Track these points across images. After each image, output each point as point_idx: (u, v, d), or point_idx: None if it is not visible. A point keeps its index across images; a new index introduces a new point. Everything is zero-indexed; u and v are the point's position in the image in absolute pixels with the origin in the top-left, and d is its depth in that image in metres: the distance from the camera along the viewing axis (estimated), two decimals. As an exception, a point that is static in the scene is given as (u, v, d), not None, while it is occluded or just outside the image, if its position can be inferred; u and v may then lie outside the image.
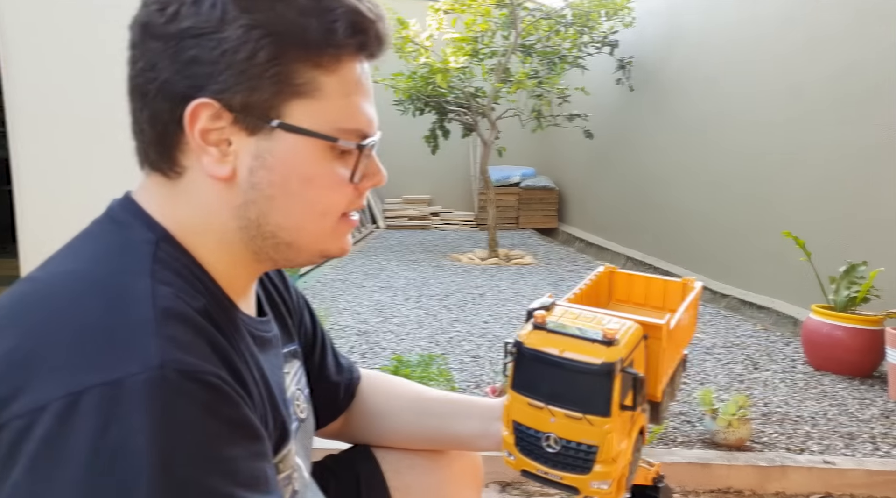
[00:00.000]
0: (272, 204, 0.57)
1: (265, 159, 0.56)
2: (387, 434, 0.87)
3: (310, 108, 0.56)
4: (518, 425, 0.66)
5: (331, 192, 0.59)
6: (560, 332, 0.65)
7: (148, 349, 0.45)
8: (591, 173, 5.94)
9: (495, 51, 5.08)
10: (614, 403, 0.61)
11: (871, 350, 2.56)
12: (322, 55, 0.55)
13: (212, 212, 0.58)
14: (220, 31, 0.52)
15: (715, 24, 4.01)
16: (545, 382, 0.64)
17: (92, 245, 0.56)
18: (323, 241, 0.61)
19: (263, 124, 0.55)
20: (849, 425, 2.15)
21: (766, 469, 1.84)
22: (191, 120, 0.54)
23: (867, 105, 2.88)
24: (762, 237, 3.53)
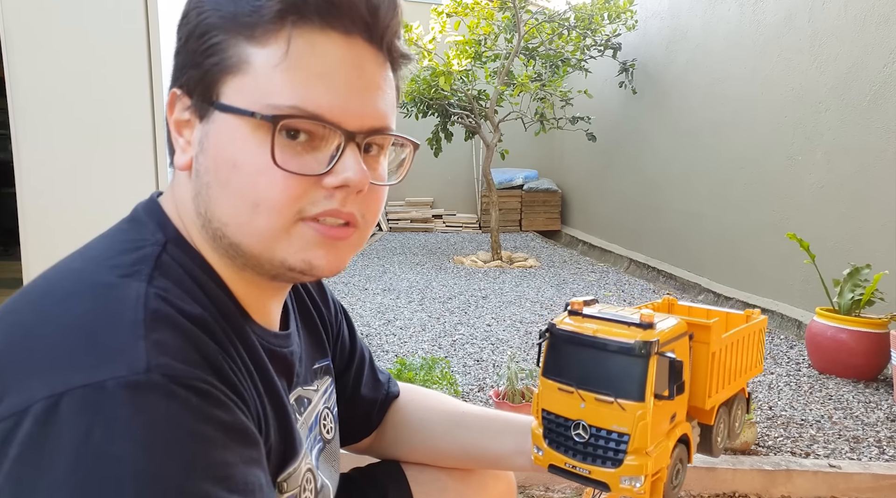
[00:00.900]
0: (210, 193, 0.53)
1: (204, 144, 0.53)
2: (419, 449, 0.83)
3: (240, 85, 0.51)
4: (547, 414, 0.63)
5: (257, 178, 0.51)
6: (596, 316, 0.63)
7: (135, 352, 0.44)
8: (594, 176, 5.93)
9: (498, 54, 5.09)
10: (648, 387, 0.57)
11: (875, 353, 2.55)
12: (253, 26, 0.51)
13: (189, 208, 0.57)
14: (184, 23, 0.54)
15: (718, 27, 4.00)
16: (576, 364, 0.61)
17: (103, 244, 0.55)
18: (274, 246, 0.53)
19: (208, 107, 0.53)
20: (854, 429, 2.14)
21: (771, 473, 1.82)
22: (169, 110, 0.56)
23: (871, 108, 2.88)
24: (766, 240, 3.52)
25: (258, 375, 0.56)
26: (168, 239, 0.55)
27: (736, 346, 0.72)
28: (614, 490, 0.60)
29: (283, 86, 0.50)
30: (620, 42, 5.09)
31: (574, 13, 5.01)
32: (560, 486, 1.79)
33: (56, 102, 2.04)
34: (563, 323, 0.63)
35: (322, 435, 0.69)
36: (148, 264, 0.51)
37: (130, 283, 0.49)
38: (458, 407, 0.85)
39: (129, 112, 2.06)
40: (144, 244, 0.54)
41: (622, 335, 0.59)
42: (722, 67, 3.94)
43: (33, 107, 2.04)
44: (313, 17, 0.51)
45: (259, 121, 0.50)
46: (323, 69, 0.51)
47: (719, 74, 3.96)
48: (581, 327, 0.61)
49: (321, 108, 0.51)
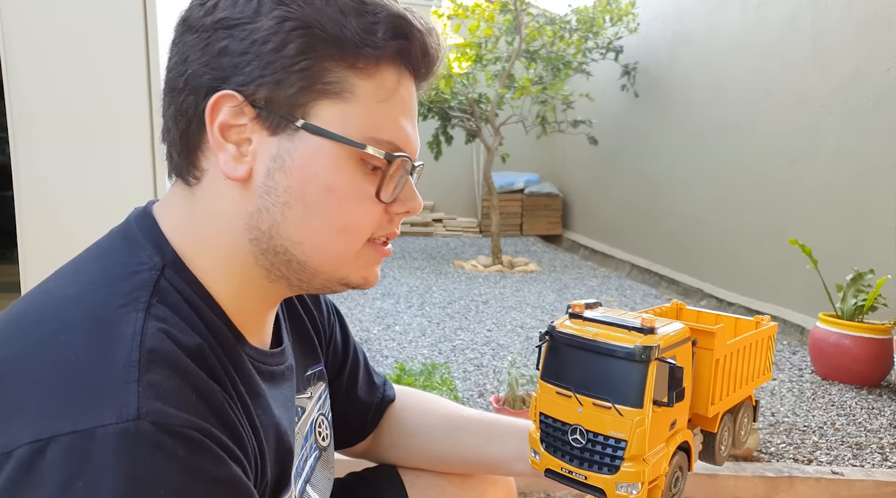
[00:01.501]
0: (286, 213, 0.52)
1: (284, 162, 0.52)
2: (416, 454, 0.82)
3: (339, 111, 0.51)
4: (545, 418, 0.63)
5: (353, 206, 0.53)
6: (597, 320, 0.62)
7: (126, 397, 0.42)
8: (596, 180, 5.92)
9: (499, 56, 5.08)
10: (647, 393, 0.56)
11: (879, 359, 2.53)
12: (358, 56, 0.51)
13: (224, 220, 0.54)
14: (253, 21, 0.50)
15: (720, 30, 3.99)
16: (575, 368, 0.60)
17: (96, 266, 0.53)
18: (343, 265, 0.56)
19: (287, 123, 0.51)
20: (857, 436, 2.12)
21: (773, 480, 1.81)
22: (211, 112, 0.51)
23: (873, 112, 2.86)
24: (768, 245, 3.51)
25: (254, 406, 0.55)
26: (165, 263, 0.53)
27: (742, 352, 0.71)
28: (610, 496, 0.59)
29: (384, 121, 0.53)
30: (622, 45, 5.08)
31: (576, 16, 5.00)
32: (561, 492, 1.77)
33: (54, 106, 2.03)
34: (563, 326, 0.62)
35: (318, 442, 0.69)
36: (146, 291, 0.49)
37: (128, 315, 0.47)
38: (457, 411, 0.84)
39: (127, 116, 2.06)
40: (141, 269, 0.52)
41: (622, 340, 0.58)
42: (724, 71, 3.93)
43: (31, 110, 2.03)
44: (411, 65, 0.55)
45: (362, 152, 0.52)
46: (408, 109, 0.55)
47: (722, 78, 3.95)
48: (581, 331, 0.61)
49: (408, 145, 0.55)
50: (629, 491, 0.58)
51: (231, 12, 0.51)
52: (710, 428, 0.69)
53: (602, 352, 0.58)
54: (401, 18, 0.52)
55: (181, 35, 0.53)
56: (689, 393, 0.64)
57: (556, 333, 0.62)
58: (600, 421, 0.58)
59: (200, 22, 0.51)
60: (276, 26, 0.50)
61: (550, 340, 0.62)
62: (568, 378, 0.60)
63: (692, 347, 0.64)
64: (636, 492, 0.57)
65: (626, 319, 0.61)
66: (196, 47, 0.51)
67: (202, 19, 0.51)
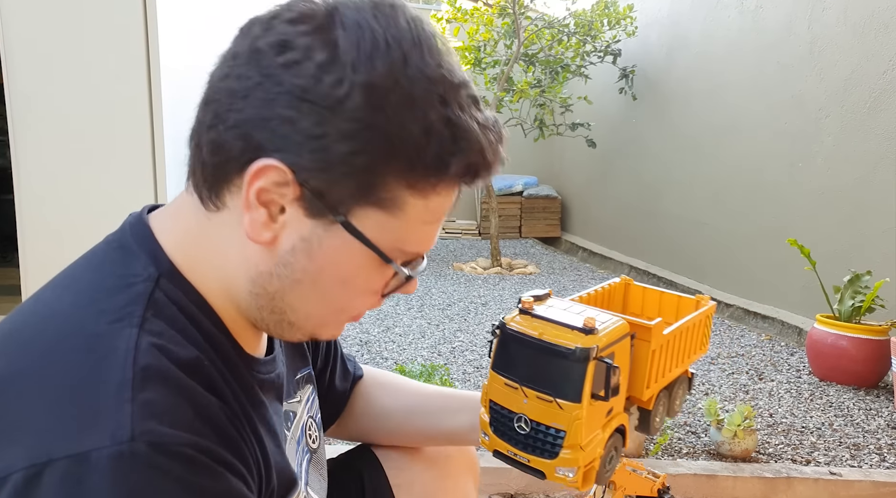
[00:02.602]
0: (295, 288, 0.53)
1: (311, 246, 0.51)
2: (382, 435, 0.87)
3: (382, 221, 0.50)
4: (494, 405, 0.67)
5: (358, 297, 0.55)
6: (543, 317, 0.66)
7: (120, 418, 0.41)
8: (594, 182, 5.93)
9: (498, 60, 5.10)
10: (586, 390, 0.61)
11: (876, 360, 2.54)
12: (422, 180, 0.49)
13: (232, 263, 0.53)
14: (335, 111, 0.46)
15: (717, 33, 4.01)
16: (522, 363, 0.64)
17: (90, 277, 0.52)
18: (322, 327, 0.58)
19: (327, 214, 0.49)
20: (855, 436, 2.13)
21: (771, 480, 1.82)
22: (256, 174, 0.48)
23: (871, 115, 2.88)
24: (766, 246, 3.52)
25: (256, 416, 0.55)
26: (161, 273, 0.52)
27: (680, 336, 0.75)
28: (549, 477, 0.64)
29: (419, 238, 0.53)
30: (620, 48, 5.10)
31: (574, 19, 5.02)
32: (559, 494, 1.78)
33: (55, 109, 2.04)
34: (512, 322, 0.66)
35: (308, 445, 0.69)
36: (140, 305, 0.48)
37: (121, 331, 0.46)
38: (417, 389, 0.89)
39: (127, 119, 2.06)
40: (136, 280, 0.50)
41: (565, 340, 0.62)
42: (722, 74, 3.95)
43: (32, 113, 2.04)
44: (467, 183, 0.53)
45: (384, 262, 0.52)
46: (443, 215, 0.54)
47: (719, 81, 3.97)
48: (528, 329, 0.65)
49: (426, 248, 0.56)
50: (566, 474, 0.63)
51: (314, 85, 0.46)
52: (646, 407, 0.73)
53: (546, 350, 0.62)
54: (480, 155, 0.50)
55: (247, 63, 0.48)
56: (625, 386, 0.69)
57: (506, 329, 0.66)
58: (543, 412, 0.63)
59: (275, 71, 0.47)
60: (355, 132, 0.47)
61: (501, 334, 0.66)
62: (515, 371, 0.65)
63: (631, 340, 0.68)
64: (572, 475, 0.63)
65: (570, 318, 0.65)
66: (260, 93, 0.47)
67: (279, 71, 0.47)
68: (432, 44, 0.50)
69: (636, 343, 0.69)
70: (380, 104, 0.46)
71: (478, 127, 0.50)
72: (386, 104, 0.47)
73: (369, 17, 0.48)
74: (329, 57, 0.46)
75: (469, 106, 0.50)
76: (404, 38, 0.48)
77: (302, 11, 0.48)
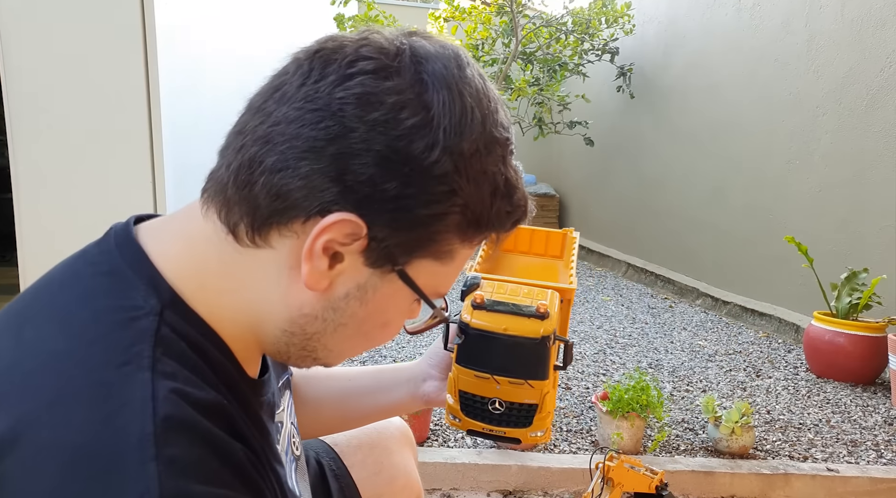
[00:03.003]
0: (338, 330, 0.53)
1: (366, 294, 0.51)
2: (321, 426, 0.87)
3: (432, 270, 0.52)
4: (464, 394, 0.74)
5: (390, 335, 0.57)
6: (498, 310, 0.72)
7: (145, 479, 0.38)
8: (592, 181, 5.94)
9: (496, 58, 5.10)
10: (551, 367, 0.71)
11: (873, 357, 2.55)
12: (478, 235, 0.52)
13: (267, 302, 0.51)
14: (423, 176, 0.46)
15: (715, 31, 4.02)
16: (490, 355, 0.71)
17: (83, 311, 0.46)
18: (339, 360, 0.59)
19: (387, 264, 0.50)
20: (852, 433, 2.14)
21: (769, 477, 1.82)
22: (327, 227, 0.46)
23: (868, 112, 2.89)
24: (763, 244, 3.53)
25: (267, 448, 0.53)
26: (163, 304, 0.47)
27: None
28: (525, 441, 0.74)
29: (453, 280, 0.55)
30: (618, 46, 5.10)
31: (571, 18, 5.02)
32: (558, 490, 1.78)
33: (53, 108, 2.04)
34: (474, 320, 0.71)
35: (293, 453, 0.68)
36: (147, 343, 0.44)
37: (133, 376, 0.42)
38: (345, 375, 0.89)
39: (125, 119, 2.06)
40: (138, 314, 0.46)
41: (527, 328, 0.70)
42: (719, 71, 3.95)
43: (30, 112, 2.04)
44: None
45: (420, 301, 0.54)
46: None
47: (717, 78, 3.97)
48: (492, 325, 0.71)
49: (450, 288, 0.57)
50: (537, 435, 0.74)
51: (405, 147, 0.46)
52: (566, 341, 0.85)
53: (512, 342, 0.70)
54: (524, 209, 0.53)
55: (324, 110, 0.46)
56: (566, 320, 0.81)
57: (470, 330, 0.71)
58: (516, 393, 0.71)
59: (358, 125, 0.45)
60: (442, 196, 0.47)
61: (465, 334, 0.72)
62: (485, 364, 0.71)
63: (562, 304, 0.79)
64: (542, 433, 0.74)
65: (524, 306, 0.72)
66: (341, 149, 0.45)
67: (364, 127, 0.45)
68: (498, 102, 0.51)
69: (563, 305, 0.79)
70: (465, 170, 0.47)
71: (520, 181, 0.53)
72: (469, 170, 0.48)
73: (455, 77, 0.48)
74: (421, 121, 0.46)
75: (513, 159, 0.53)
76: (482, 99, 0.49)
77: (384, 63, 0.47)
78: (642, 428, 1.92)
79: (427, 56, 0.48)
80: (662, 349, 3.00)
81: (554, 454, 1.89)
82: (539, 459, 1.83)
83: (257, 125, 0.48)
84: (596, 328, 3.32)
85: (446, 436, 1.96)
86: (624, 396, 1.87)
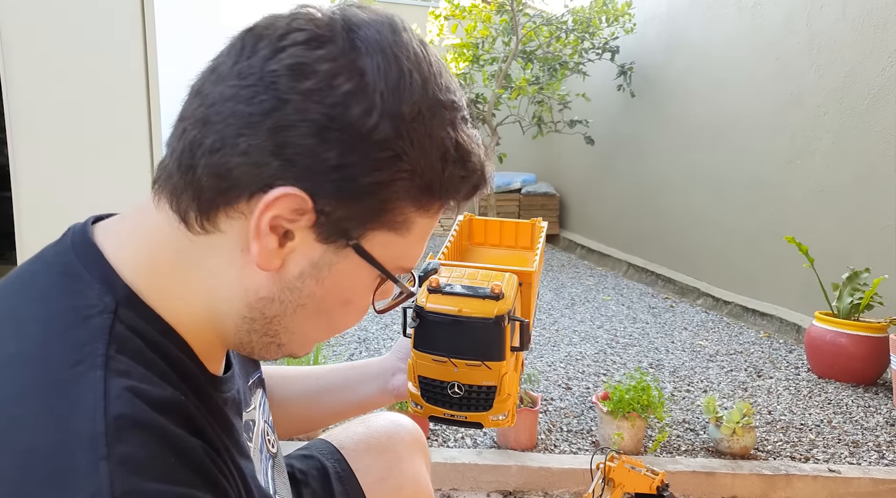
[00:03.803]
0: (298, 311, 0.51)
1: (321, 271, 0.50)
2: (293, 421, 0.87)
3: (388, 241, 0.50)
4: (423, 379, 0.73)
5: (354, 317, 0.55)
6: (453, 293, 0.72)
7: (96, 479, 0.37)
8: (593, 180, 5.93)
9: (496, 57, 5.09)
10: (507, 348, 0.71)
11: (875, 357, 2.54)
12: (433, 202, 0.50)
13: (222, 288, 0.50)
14: (362, 142, 0.45)
15: (716, 30, 4.01)
16: (446, 338, 0.71)
17: (36, 311, 0.46)
18: (306, 347, 0.57)
19: (340, 239, 0.49)
20: (854, 433, 2.13)
21: (770, 477, 1.82)
22: (270, 203, 0.45)
23: (869, 111, 2.88)
24: (765, 243, 3.52)
25: (231, 444, 0.52)
26: (118, 301, 0.47)
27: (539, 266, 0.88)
28: (486, 425, 0.74)
29: (415, 254, 0.54)
30: (618, 45, 5.09)
31: (572, 16, 5.01)
32: (558, 491, 1.78)
33: (53, 107, 2.03)
34: (431, 302, 0.71)
35: (269, 451, 0.68)
36: (101, 341, 0.43)
37: (85, 374, 0.41)
38: (313, 373, 0.89)
39: (125, 117, 2.06)
40: (92, 312, 0.45)
41: (482, 310, 0.70)
42: (720, 70, 3.94)
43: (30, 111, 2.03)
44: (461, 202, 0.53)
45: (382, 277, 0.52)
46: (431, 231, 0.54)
47: (718, 78, 3.97)
48: (447, 307, 0.71)
49: (416, 263, 0.55)
50: (499, 418, 0.73)
51: (341, 114, 0.45)
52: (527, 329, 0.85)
53: (467, 324, 0.70)
54: (482, 177, 0.52)
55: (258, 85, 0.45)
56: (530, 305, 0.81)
57: (426, 313, 0.71)
58: (474, 376, 0.71)
59: (293, 97, 0.45)
60: (385, 162, 0.46)
61: (420, 318, 0.72)
62: (441, 347, 0.71)
63: (520, 287, 0.79)
64: (503, 417, 0.73)
65: (478, 287, 0.72)
66: (277, 121, 0.45)
67: (298, 98, 0.45)
68: (441, 66, 0.50)
69: (521, 288, 0.80)
70: (407, 134, 0.46)
71: (476, 147, 0.51)
72: (413, 134, 0.47)
73: (389, 41, 0.47)
74: (356, 86, 0.45)
75: (467, 125, 0.52)
76: (421, 63, 0.48)
77: (316, 33, 0.46)
78: (643, 428, 1.91)
79: (360, 23, 0.47)
80: (663, 349, 3.00)
81: (554, 455, 1.88)
82: (539, 460, 1.83)
83: (196, 108, 0.47)
84: (597, 328, 3.32)
85: (446, 436, 1.96)
86: (625, 397, 1.87)
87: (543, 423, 2.08)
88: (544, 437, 1.99)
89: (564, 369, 2.64)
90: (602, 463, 1.41)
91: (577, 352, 2.88)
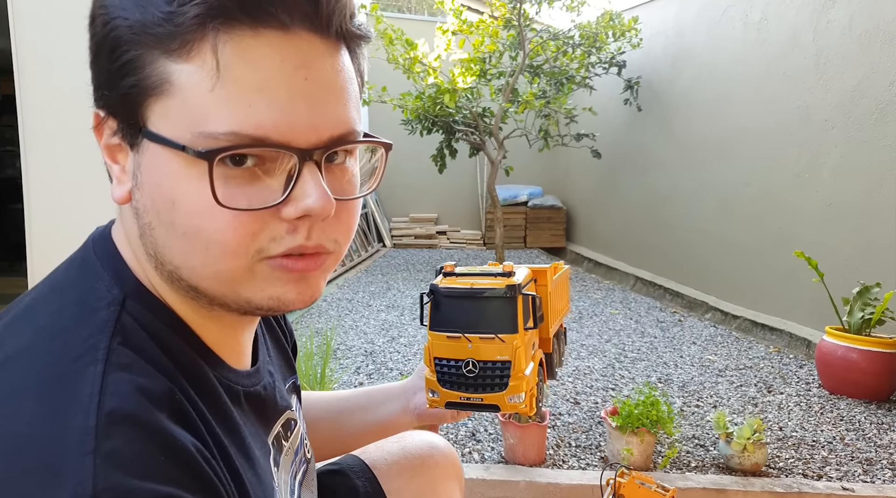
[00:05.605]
0: (154, 234, 0.46)
1: (138, 177, 0.46)
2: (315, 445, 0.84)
3: (165, 110, 0.43)
4: (439, 360, 0.75)
5: (204, 219, 0.44)
6: (467, 274, 0.77)
7: (81, 473, 0.37)
8: (599, 193, 5.93)
9: (503, 71, 5.12)
10: (519, 321, 0.73)
11: (887, 373, 2.51)
12: (170, 40, 0.42)
13: (140, 246, 0.49)
14: (91, 28, 0.46)
15: (722, 44, 4.02)
16: (459, 314, 0.74)
17: (50, 305, 0.47)
18: (236, 287, 0.47)
19: (135, 133, 0.45)
20: (867, 451, 2.10)
21: (783, 495, 1.79)
22: (97, 134, 0.48)
23: (877, 126, 2.87)
24: (773, 258, 3.50)
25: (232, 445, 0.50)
26: (126, 294, 0.47)
27: (558, 288, 0.92)
28: (503, 408, 0.74)
29: (216, 109, 0.42)
30: (625, 60, 5.11)
31: (578, 31, 5.04)
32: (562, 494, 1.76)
33: (64, 120, 2.05)
34: (444, 282, 0.75)
35: (305, 455, 0.68)
36: (105, 334, 0.44)
37: (85, 369, 0.42)
38: (335, 397, 0.89)
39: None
40: (98, 305, 0.46)
41: (492, 284, 0.73)
42: (727, 85, 3.95)
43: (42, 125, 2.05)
44: (241, 18, 0.42)
45: (188, 154, 0.43)
46: (261, 80, 0.42)
47: (724, 92, 3.97)
48: (459, 284, 0.75)
49: (265, 129, 0.43)
50: (516, 400, 0.73)
51: (92, 34, 0.47)
52: (547, 349, 0.87)
53: (480, 296, 0.73)
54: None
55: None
56: (547, 317, 0.84)
57: (439, 289, 0.75)
58: (488, 350, 0.73)
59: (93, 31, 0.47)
60: (100, 29, 0.45)
61: (434, 296, 0.74)
62: (455, 324, 0.74)
63: (535, 284, 0.83)
64: (521, 399, 0.73)
65: (489, 269, 0.77)
66: (91, 55, 0.48)
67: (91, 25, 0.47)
68: None
69: (536, 287, 0.83)
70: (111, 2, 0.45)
71: None
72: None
73: None
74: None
75: None
76: None
77: None
78: (652, 444, 1.89)
79: None
80: (672, 364, 2.97)
81: (563, 470, 1.87)
82: (548, 475, 1.81)
83: None
84: (604, 342, 3.30)
85: (454, 451, 1.94)
86: (633, 412, 1.85)
87: (552, 438, 2.07)
88: (553, 452, 1.97)
89: (573, 384, 2.62)
90: (612, 479, 1.40)
91: (585, 366, 2.86)
